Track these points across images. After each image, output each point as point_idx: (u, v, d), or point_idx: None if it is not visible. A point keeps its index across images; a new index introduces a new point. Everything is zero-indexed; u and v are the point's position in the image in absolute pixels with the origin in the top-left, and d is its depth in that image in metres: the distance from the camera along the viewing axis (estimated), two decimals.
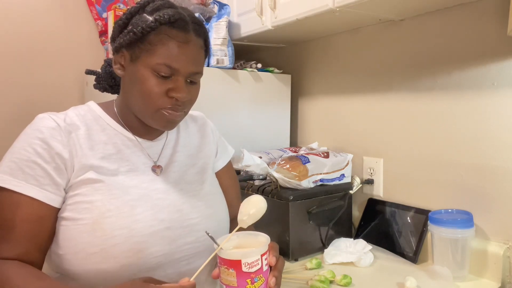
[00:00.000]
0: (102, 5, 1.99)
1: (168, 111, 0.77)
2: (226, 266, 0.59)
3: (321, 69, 1.67)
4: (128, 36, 0.74)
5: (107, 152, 0.78)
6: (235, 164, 1.42)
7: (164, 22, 0.73)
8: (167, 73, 0.75)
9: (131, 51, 0.76)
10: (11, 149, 0.73)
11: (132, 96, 0.78)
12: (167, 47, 0.74)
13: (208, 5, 1.57)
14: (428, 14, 1.25)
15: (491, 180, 1.11)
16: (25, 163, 0.70)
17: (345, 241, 1.28)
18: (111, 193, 0.74)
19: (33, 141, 0.72)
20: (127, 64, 0.77)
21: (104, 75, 0.86)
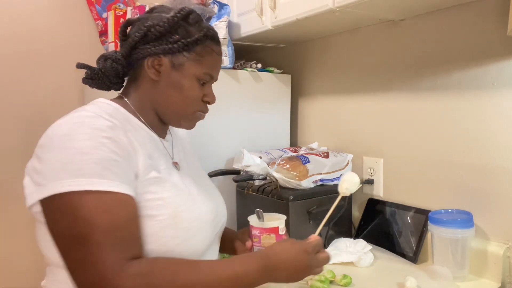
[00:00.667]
0: (102, 5, 1.99)
1: (201, 113, 0.88)
2: (268, 233, 0.84)
3: (321, 69, 1.67)
4: (176, 45, 0.80)
5: (149, 151, 0.78)
6: (235, 164, 1.42)
7: (210, 37, 0.83)
8: (207, 81, 0.85)
9: (173, 58, 0.81)
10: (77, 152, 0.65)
11: (169, 99, 0.83)
12: (211, 59, 0.84)
13: (208, 5, 1.57)
14: (428, 14, 1.25)
15: (491, 180, 1.11)
16: (108, 163, 0.66)
17: (345, 241, 1.28)
18: (175, 189, 0.78)
19: (102, 140, 0.67)
20: (165, 70, 0.81)
21: (110, 72, 0.84)
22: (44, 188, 0.64)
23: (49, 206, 0.65)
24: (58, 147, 0.66)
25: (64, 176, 0.63)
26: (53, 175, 0.64)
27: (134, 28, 0.84)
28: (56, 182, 0.63)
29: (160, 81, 0.81)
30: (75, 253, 0.63)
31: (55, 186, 0.63)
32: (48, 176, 0.65)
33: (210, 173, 1.39)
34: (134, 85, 0.85)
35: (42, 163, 0.67)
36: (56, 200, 0.64)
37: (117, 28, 1.66)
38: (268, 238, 0.84)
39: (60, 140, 0.67)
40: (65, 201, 0.63)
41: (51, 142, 0.68)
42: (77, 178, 0.63)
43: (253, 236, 0.86)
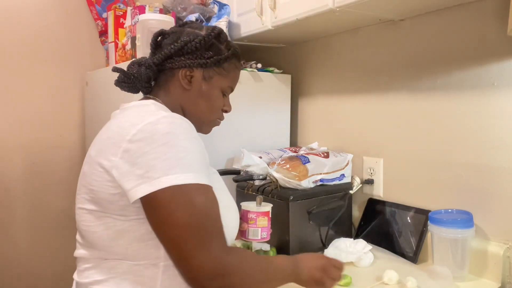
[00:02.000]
0: (102, 5, 1.99)
1: (219, 121, 0.99)
2: (262, 216, 0.99)
3: (321, 69, 1.67)
4: (209, 60, 0.90)
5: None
6: (235, 164, 1.42)
7: (236, 55, 0.95)
8: (228, 93, 0.97)
9: (204, 72, 0.90)
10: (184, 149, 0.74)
11: (198, 106, 0.92)
12: (235, 74, 0.96)
13: (208, 5, 1.57)
14: (428, 14, 1.25)
15: (491, 180, 1.11)
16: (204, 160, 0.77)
17: (345, 241, 1.28)
18: (221, 190, 0.86)
19: (196, 140, 0.77)
20: (197, 81, 0.90)
21: (143, 76, 0.90)
22: (158, 181, 0.69)
23: (164, 196, 0.70)
24: (165, 144, 0.72)
25: (180, 171, 0.71)
26: (168, 169, 0.70)
27: (168, 40, 0.92)
28: (174, 176, 0.70)
29: (191, 90, 0.91)
30: (191, 240, 0.69)
31: (174, 179, 0.70)
32: (161, 171, 0.70)
33: None
34: (164, 90, 0.92)
35: (147, 158, 0.71)
36: (171, 192, 0.70)
37: (117, 28, 1.66)
38: (262, 220, 1.00)
39: (165, 138, 0.72)
40: (182, 193, 0.70)
41: (153, 140, 0.72)
42: (191, 173, 0.72)
43: (249, 219, 1.00)
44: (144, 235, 0.74)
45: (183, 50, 0.89)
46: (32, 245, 1.86)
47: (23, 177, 1.86)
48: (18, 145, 1.85)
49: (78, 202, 0.82)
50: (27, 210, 1.88)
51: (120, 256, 0.76)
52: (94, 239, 0.78)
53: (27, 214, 1.88)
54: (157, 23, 1.37)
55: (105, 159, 0.74)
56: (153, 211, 0.71)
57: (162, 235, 0.72)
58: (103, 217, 0.76)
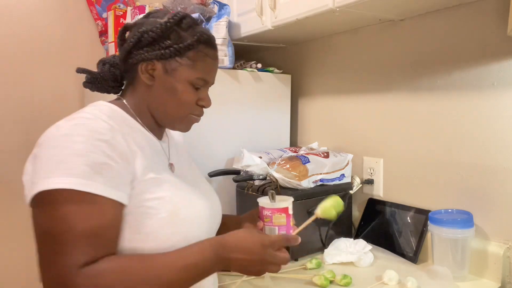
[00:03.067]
0: (102, 5, 1.99)
1: (196, 117, 0.89)
2: (278, 213, 0.87)
3: (321, 69, 1.67)
4: (167, 50, 0.81)
5: (146, 153, 0.80)
6: (235, 164, 1.42)
7: (203, 42, 0.83)
8: (201, 86, 0.86)
9: (166, 64, 0.82)
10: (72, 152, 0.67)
11: (163, 103, 0.84)
12: (205, 64, 0.85)
13: (208, 5, 1.57)
14: (428, 14, 1.25)
15: (491, 180, 1.11)
16: (100, 166, 0.67)
17: (345, 241, 1.28)
18: (173, 188, 0.80)
19: (98, 143, 0.69)
20: (159, 75, 0.82)
21: (108, 76, 0.87)
22: (35, 186, 0.65)
23: (35, 202, 0.66)
24: (54, 147, 0.67)
25: (54, 174, 0.64)
26: (45, 172, 0.65)
27: (130, 33, 0.85)
28: (46, 180, 0.64)
29: (154, 85, 0.83)
30: (44, 249, 0.64)
31: (45, 183, 0.64)
32: (40, 174, 0.66)
33: (210, 173, 1.39)
34: (131, 89, 0.87)
35: (38, 162, 0.68)
36: (42, 196, 0.65)
37: (117, 28, 1.66)
38: (279, 217, 0.88)
39: (58, 140, 0.68)
40: (49, 198, 0.64)
41: (48, 142, 0.69)
42: (66, 177, 0.64)
43: (264, 216, 0.89)
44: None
45: (141, 42, 0.81)
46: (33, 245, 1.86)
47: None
48: (18, 145, 1.85)
49: None
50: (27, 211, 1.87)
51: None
52: None
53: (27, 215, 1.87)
54: None
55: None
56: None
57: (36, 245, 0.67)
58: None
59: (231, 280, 1.11)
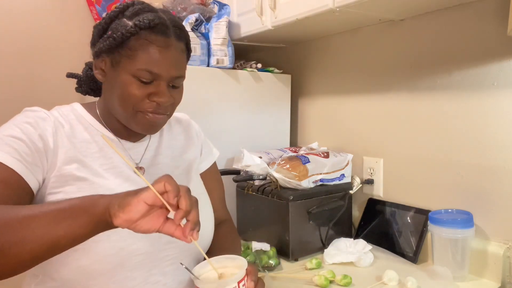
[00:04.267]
0: (102, 5, 1.99)
1: (149, 114, 0.78)
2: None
3: (321, 69, 1.67)
4: (107, 41, 0.75)
5: (90, 151, 0.79)
6: (235, 164, 1.42)
7: (144, 27, 0.73)
8: (148, 79, 0.75)
9: (111, 56, 0.76)
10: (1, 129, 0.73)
11: (113, 100, 0.78)
12: (148, 53, 0.74)
13: (208, 5, 1.57)
14: (428, 14, 1.25)
15: (491, 180, 1.11)
16: (9, 138, 0.70)
17: (345, 241, 1.28)
18: (91, 191, 0.73)
19: (20, 123, 0.73)
20: (107, 69, 0.78)
21: (86, 78, 0.86)
22: None
23: None
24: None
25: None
26: None
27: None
28: None
29: (106, 82, 0.80)
30: None
31: None
32: None
33: None
34: (103, 90, 0.85)
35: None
36: None
37: None
38: None
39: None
40: None
41: None
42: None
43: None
44: None
45: (93, 38, 0.79)
46: None
47: None
48: None
49: None
50: None
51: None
52: None
53: None
54: None
55: None
56: None
57: None
58: None
59: None
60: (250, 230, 1.39)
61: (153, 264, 0.77)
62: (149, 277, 0.76)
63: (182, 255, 0.81)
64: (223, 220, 1.02)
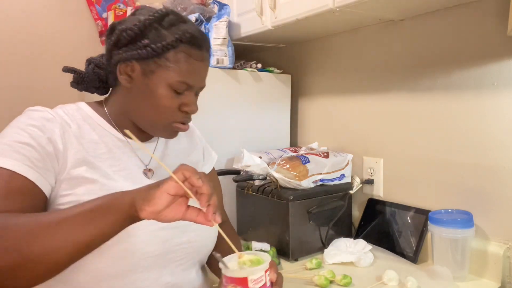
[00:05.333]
0: (102, 5, 1.99)
1: (180, 125, 0.80)
2: (233, 284, 0.63)
3: (321, 69, 1.67)
4: (145, 50, 0.75)
5: (99, 151, 0.77)
6: (235, 164, 1.42)
7: (185, 41, 0.75)
8: (183, 90, 0.78)
9: (144, 65, 0.76)
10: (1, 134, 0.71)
11: (141, 108, 0.79)
12: (186, 65, 0.76)
13: (208, 5, 1.57)
14: (428, 14, 1.25)
15: (491, 180, 1.11)
16: (19, 145, 0.68)
17: (345, 241, 1.28)
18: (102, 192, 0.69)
19: (27, 127, 0.71)
20: (137, 77, 0.77)
21: (91, 76, 0.84)
22: None
23: None
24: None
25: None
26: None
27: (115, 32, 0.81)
28: None
29: (133, 88, 0.78)
30: None
31: None
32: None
33: None
34: (113, 90, 0.84)
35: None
36: None
37: None
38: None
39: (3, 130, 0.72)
40: None
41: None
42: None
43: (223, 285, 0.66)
44: None
45: (120, 41, 0.76)
46: None
47: None
48: None
49: None
50: None
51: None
52: None
53: None
54: None
55: None
56: None
57: None
58: None
59: None
60: (250, 230, 1.39)
61: (163, 266, 0.78)
62: (160, 278, 0.77)
63: (190, 256, 0.82)
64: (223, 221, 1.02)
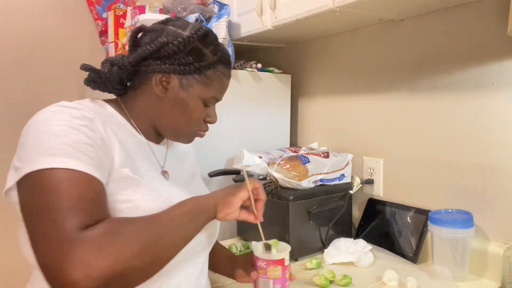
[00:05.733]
0: (102, 5, 1.99)
1: (202, 132, 0.89)
2: (274, 265, 0.82)
3: (321, 69, 1.67)
4: (187, 67, 0.80)
5: (130, 152, 0.77)
6: (235, 164, 1.42)
7: (223, 62, 0.84)
8: (212, 103, 0.86)
9: (183, 79, 0.81)
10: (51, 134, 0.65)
11: (171, 116, 0.83)
12: (220, 83, 0.85)
13: (208, 5, 1.57)
14: (428, 14, 1.25)
15: (491, 180, 1.11)
16: (80, 145, 0.66)
17: (345, 241, 1.28)
18: (152, 194, 0.75)
19: (77, 126, 0.68)
20: (172, 88, 0.81)
21: (113, 77, 0.83)
22: (20, 171, 0.64)
23: (21, 186, 0.64)
24: (34, 131, 0.67)
25: (35, 156, 0.63)
26: (27, 156, 0.64)
27: (146, 38, 0.82)
28: (29, 163, 0.63)
29: (165, 97, 0.82)
30: (38, 223, 0.59)
31: (28, 166, 0.63)
32: (23, 159, 0.65)
33: (210, 173, 1.39)
34: (134, 93, 0.84)
35: (19, 148, 0.67)
36: (28, 179, 0.63)
37: (117, 28, 1.66)
38: (274, 269, 0.83)
39: (37, 125, 0.68)
40: (36, 178, 0.62)
41: (28, 128, 0.68)
42: (48, 157, 0.63)
43: (258, 267, 0.83)
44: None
45: (160, 52, 0.78)
46: None
47: None
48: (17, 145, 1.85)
49: None
50: None
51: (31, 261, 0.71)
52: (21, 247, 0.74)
53: None
54: None
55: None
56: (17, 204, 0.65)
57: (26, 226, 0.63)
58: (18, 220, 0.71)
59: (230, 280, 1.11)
60: (250, 230, 1.39)
61: (186, 260, 0.83)
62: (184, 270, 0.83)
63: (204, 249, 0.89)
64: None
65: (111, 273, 0.56)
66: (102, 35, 2.01)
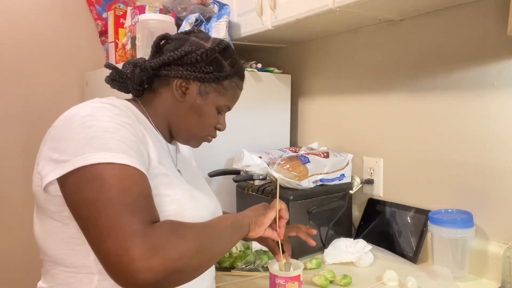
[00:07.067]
0: (102, 5, 1.99)
1: (210, 138, 0.95)
2: (292, 281, 0.90)
3: (321, 69, 1.67)
4: (207, 75, 0.85)
5: (158, 150, 0.80)
6: (235, 164, 1.42)
7: (239, 74, 0.91)
8: (224, 111, 0.92)
9: (202, 86, 0.86)
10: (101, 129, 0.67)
11: (187, 119, 0.88)
12: (234, 93, 0.91)
13: (208, 5, 1.57)
14: (428, 14, 1.25)
15: (491, 180, 1.11)
16: (130, 142, 0.68)
17: (345, 241, 1.28)
18: (180, 188, 0.80)
19: (123, 123, 0.70)
20: (191, 93, 0.86)
21: (135, 78, 0.86)
22: (68, 164, 0.64)
23: (73, 178, 0.64)
24: (81, 125, 0.67)
25: (90, 150, 0.64)
26: (78, 150, 0.64)
27: (170, 46, 0.87)
28: (82, 156, 0.63)
29: (183, 102, 0.86)
30: (102, 217, 0.60)
31: (81, 160, 0.63)
32: (72, 152, 0.64)
33: (210, 173, 1.39)
34: (152, 95, 0.88)
35: (63, 141, 0.67)
36: (82, 172, 0.63)
37: (117, 28, 1.66)
38: (292, 286, 0.91)
39: (83, 119, 0.68)
40: (92, 171, 0.63)
41: (71, 122, 0.68)
42: (103, 152, 0.64)
43: (277, 284, 0.91)
44: (70, 238, 0.70)
45: (183, 60, 0.84)
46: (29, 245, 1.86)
47: (24, 177, 1.86)
48: (18, 145, 1.85)
49: None
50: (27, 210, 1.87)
51: (52, 259, 0.73)
52: (36, 237, 0.75)
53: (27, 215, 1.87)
54: (157, 23, 1.37)
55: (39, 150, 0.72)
56: (66, 195, 0.65)
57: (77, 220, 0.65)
58: (38, 212, 0.74)
59: (230, 280, 1.11)
60: None
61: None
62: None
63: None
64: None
65: (173, 267, 0.60)
66: (102, 35, 2.01)
